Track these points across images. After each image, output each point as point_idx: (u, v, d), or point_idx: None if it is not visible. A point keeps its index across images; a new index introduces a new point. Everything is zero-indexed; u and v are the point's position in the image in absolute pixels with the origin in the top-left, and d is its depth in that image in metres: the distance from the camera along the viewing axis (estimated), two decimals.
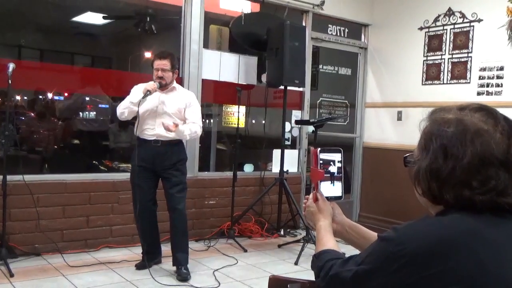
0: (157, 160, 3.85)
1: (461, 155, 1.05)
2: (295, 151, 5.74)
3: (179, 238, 3.88)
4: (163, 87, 3.89)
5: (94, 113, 6.81)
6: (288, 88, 5.16)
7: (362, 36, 6.26)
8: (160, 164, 3.86)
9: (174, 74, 3.94)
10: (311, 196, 1.46)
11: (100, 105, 6.84)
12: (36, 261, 3.99)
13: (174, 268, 3.86)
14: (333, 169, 1.44)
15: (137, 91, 3.83)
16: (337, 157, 1.44)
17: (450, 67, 5.32)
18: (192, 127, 3.87)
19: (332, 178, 1.44)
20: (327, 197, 1.44)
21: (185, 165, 4.02)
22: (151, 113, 3.86)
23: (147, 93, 3.72)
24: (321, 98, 6.14)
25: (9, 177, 3.84)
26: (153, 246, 3.99)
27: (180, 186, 3.91)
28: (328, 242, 1.32)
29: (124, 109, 3.84)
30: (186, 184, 3.98)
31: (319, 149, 1.41)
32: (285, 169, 5.16)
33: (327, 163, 1.43)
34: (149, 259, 3.91)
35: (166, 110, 3.85)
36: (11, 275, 3.56)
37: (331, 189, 1.45)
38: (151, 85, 3.77)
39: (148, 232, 3.95)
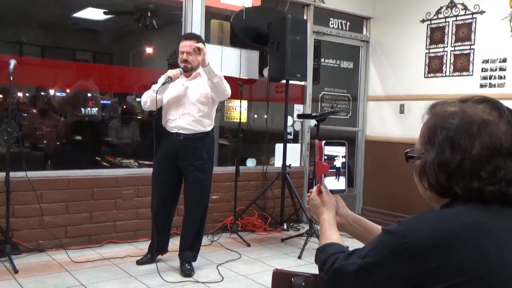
0: (179, 156, 3.70)
1: (470, 147, 1.05)
2: (298, 145, 5.74)
3: (189, 236, 3.81)
4: (188, 71, 3.69)
5: (96, 108, 6.80)
6: (290, 82, 5.15)
7: (364, 29, 6.24)
8: (181, 160, 3.71)
9: (203, 52, 3.62)
10: (314, 189, 1.45)
11: (101, 101, 6.83)
12: (40, 257, 4.00)
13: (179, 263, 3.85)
14: (338, 164, 1.43)
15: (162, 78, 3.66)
16: (341, 150, 1.44)
17: (452, 60, 5.30)
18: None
19: (337, 173, 1.44)
20: (330, 190, 1.44)
21: (210, 163, 3.83)
22: (175, 102, 3.69)
23: (168, 79, 3.53)
24: (323, 92, 6.13)
25: (12, 174, 3.84)
26: (162, 239, 3.90)
27: (199, 188, 3.76)
28: (332, 235, 1.32)
29: (146, 98, 3.69)
30: (208, 186, 3.83)
31: (323, 141, 1.40)
32: (287, 164, 5.15)
33: (332, 158, 1.42)
34: (156, 250, 3.89)
35: (189, 98, 3.67)
36: (16, 271, 3.58)
37: (335, 183, 1.45)
38: (173, 71, 3.58)
39: (161, 228, 3.85)
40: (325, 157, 1.41)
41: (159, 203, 3.75)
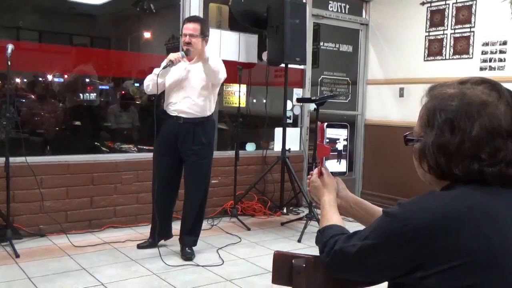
0: (179, 139, 3.70)
1: (469, 128, 1.04)
2: (297, 129, 5.74)
3: (189, 222, 3.82)
4: (191, 55, 3.64)
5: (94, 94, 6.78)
6: (289, 66, 5.13)
7: (363, 12, 6.19)
8: (181, 144, 3.70)
9: (203, 41, 3.63)
10: (315, 171, 1.45)
11: (100, 86, 6.81)
12: (41, 242, 4.03)
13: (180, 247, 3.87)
14: (339, 147, 1.44)
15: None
16: (343, 133, 1.44)
17: (452, 43, 5.27)
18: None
19: (339, 156, 1.44)
20: (331, 172, 1.44)
21: (209, 148, 3.82)
22: (176, 85, 3.67)
23: (169, 63, 3.49)
24: (322, 76, 6.10)
25: (11, 159, 3.84)
26: (164, 224, 3.90)
27: (198, 173, 3.76)
28: (333, 217, 1.32)
29: (149, 82, 3.65)
30: (207, 171, 3.82)
31: (325, 124, 1.41)
32: (287, 148, 5.16)
33: (334, 141, 1.42)
34: (159, 236, 3.92)
35: (191, 82, 3.65)
36: (17, 256, 3.60)
37: (336, 166, 1.45)
38: (175, 55, 3.52)
39: (163, 211, 3.86)
40: (327, 140, 1.41)
41: (160, 186, 3.77)
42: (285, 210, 5.34)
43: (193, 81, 3.68)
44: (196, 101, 3.70)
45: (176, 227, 3.99)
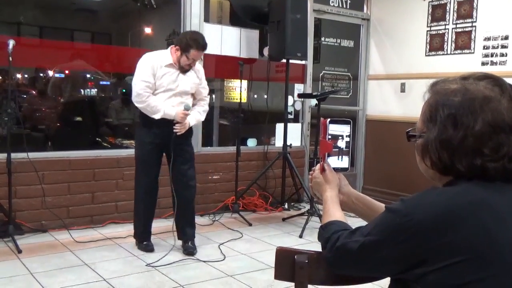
0: (174, 137, 3.70)
1: (472, 123, 1.04)
2: (298, 125, 5.73)
3: (189, 213, 3.85)
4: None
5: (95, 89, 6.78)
6: (290, 61, 5.12)
7: (365, 7, 6.17)
8: (177, 141, 3.72)
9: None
10: (317, 166, 1.45)
11: (101, 82, 6.81)
12: (43, 238, 4.03)
13: (181, 242, 3.87)
14: (341, 144, 1.43)
15: (168, 108, 3.64)
16: (346, 129, 1.43)
17: (454, 37, 5.25)
18: (198, 116, 3.86)
19: (340, 153, 1.43)
20: (333, 168, 1.44)
21: (192, 135, 3.98)
22: (171, 92, 3.71)
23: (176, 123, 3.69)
24: (323, 71, 6.10)
25: (13, 155, 3.85)
26: (149, 225, 3.90)
27: (192, 162, 3.88)
28: (335, 213, 1.32)
29: (143, 104, 3.62)
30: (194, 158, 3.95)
31: (328, 119, 1.40)
32: (288, 143, 5.16)
33: (336, 137, 1.42)
34: (145, 238, 3.87)
35: (183, 88, 3.73)
36: (19, 251, 3.61)
37: (338, 162, 1.45)
38: (182, 116, 3.66)
39: (151, 210, 3.88)
40: (329, 137, 1.40)
41: (152, 185, 3.80)
42: (286, 206, 5.34)
43: (185, 88, 3.76)
44: (191, 103, 3.82)
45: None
